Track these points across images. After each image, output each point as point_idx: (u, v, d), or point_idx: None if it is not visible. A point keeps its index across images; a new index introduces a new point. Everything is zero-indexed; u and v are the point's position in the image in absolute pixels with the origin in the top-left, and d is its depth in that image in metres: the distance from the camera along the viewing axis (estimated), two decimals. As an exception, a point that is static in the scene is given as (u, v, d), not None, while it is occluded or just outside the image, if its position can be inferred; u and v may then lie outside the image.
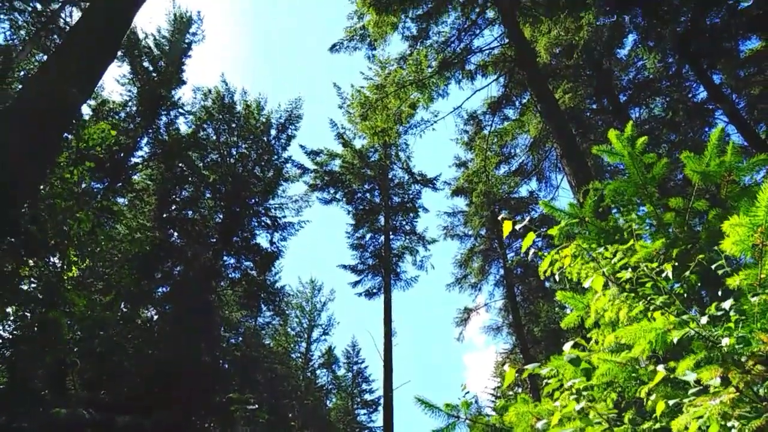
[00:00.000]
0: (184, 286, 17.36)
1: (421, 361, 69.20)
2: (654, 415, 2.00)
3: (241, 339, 22.30)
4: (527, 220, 2.61)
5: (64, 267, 8.61)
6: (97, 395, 11.52)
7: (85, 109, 17.13)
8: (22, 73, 13.75)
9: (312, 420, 29.78)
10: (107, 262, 13.37)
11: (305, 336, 35.56)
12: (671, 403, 1.89)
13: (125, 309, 14.99)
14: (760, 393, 1.65)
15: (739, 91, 13.69)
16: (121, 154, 17.77)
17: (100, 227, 9.72)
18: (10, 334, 8.55)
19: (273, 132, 23.19)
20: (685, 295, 2.50)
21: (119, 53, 17.75)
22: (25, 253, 7.77)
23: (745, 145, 11.56)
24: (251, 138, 22.57)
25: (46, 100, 6.24)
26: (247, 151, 22.44)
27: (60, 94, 6.26)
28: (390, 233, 23.14)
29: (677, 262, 2.42)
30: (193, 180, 20.47)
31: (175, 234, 19.77)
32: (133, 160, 18.81)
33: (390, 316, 20.51)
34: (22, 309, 8.54)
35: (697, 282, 2.57)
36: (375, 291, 22.42)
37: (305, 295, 36.69)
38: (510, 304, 22.29)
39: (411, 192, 24.31)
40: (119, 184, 17.31)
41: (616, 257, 2.48)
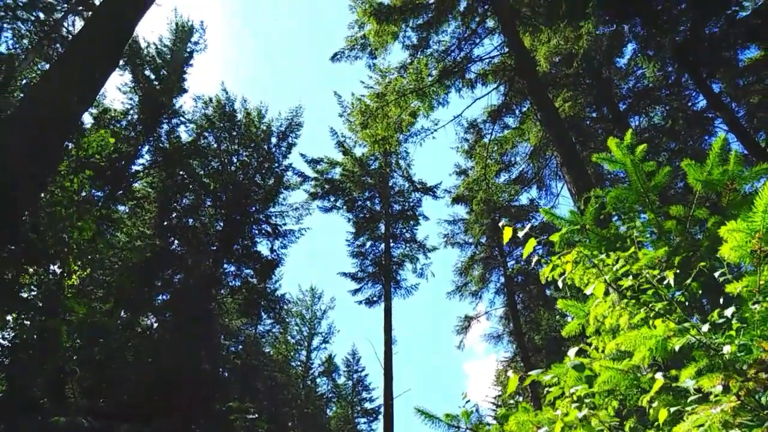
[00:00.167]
0: (184, 293, 17.34)
1: (422, 370, 68.96)
2: (656, 423, 1.99)
3: (241, 347, 22.26)
4: (528, 227, 2.62)
5: (64, 275, 8.61)
6: (96, 403, 11.48)
7: (87, 118, 17.22)
8: (24, 82, 13.81)
9: (312, 429, 29.64)
10: (107, 270, 13.36)
11: (305, 344, 35.48)
12: (673, 411, 1.89)
13: (125, 316, 14.97)
14: (761, 401, 1.65)
15: (738, 100, 13.73)
16: (122, 162, 17.82)
17: (101, 235, 9.73)
18: (9, 342, 8.53)
19: (274, 140, 23.27)
20: (686, 303, 2.49)
21: (121, 62, 17.84)
22: (26, 261, 7.78)
23: (745, 154, 11.58)
24: (252, 146, 22.64)
25: (47, 109, 6.26)
26: (247, 159, 22.50)
27: (62, 102, 6.28)
28: (390, 241, 23.12)
29: (678, 270, 2.42)
30: (193, 188, 20.51)
31: (175, 242, 19.78)
32: (134, 168, 18.87)
33: (390, 324, 20.45)
34: (22, 317, 8.53)
35: (699, 290, 2.57)
36: (375, 299, 22.38)
37: (305, 303, 36.65)
38: (511, 312, 22.24)
39: (411, 200, 24.33)
40: (120, 192, 17.34)
41: (618, 264, 2.48)
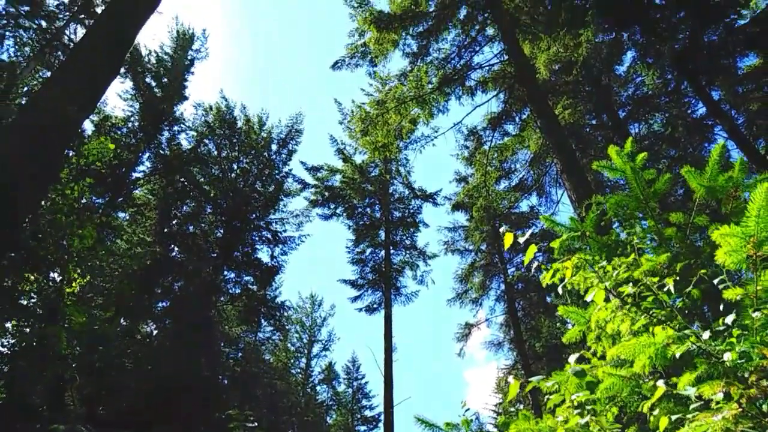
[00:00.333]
0: (184, 301, 17.32)
1: (422, 377, 68.70)
2: (657, 430, 1.99)
3: (240, 354, 22.18)
4: (528, 233, 2.62)
5: (64, 282, 8.60)
6: (96, 411, 11.45)
7: (88, 125, 17.25)
8: (25, 89, 13.86)
9: (312, 437, 29.50)
10: (107, 277, 13.35)
11: (305, 351, 35.38)
12: (674, 418, 1.88)
13: (125, 324, 14.94)
14: (763, 408, 1.64)
15: (737, 107, 13.77)
16: (123, 169, 17.85)
17: (101, 242, 9.73)
18: (9, 350, 8.52)
19: (274, 147, 23.33)
20: (686, 310, 2.49)
21: (122, 69, 17.91)
22: (26, 269, 7.77)
23: (745, 161, 11.58)
24: (252, 153, 22.69)
25: (48, 116, 6.28)
26: (248, 166, 22.54)
27: (63, 110, 6.30)
28: (390, 248, 23.12)
29: (679, 277, 2.42)
30: (194, 195, 20.54)
31: (175, 249, 19.78)
32: (135, 175, 18.90)
33: (390, 331, 20.41)
34: (22, 324, 8.52)
35: (699, 297, 2.57)
36: (375, 306, 22.34)
37: (305, 310, 36.59)
38: (511, 319, 22.18)
39: (411, 207, 24.34)
40: (120, 199, 17.35)
41: (620, 269, 2.48)
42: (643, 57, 13.45)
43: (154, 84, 20.56)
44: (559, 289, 2.77)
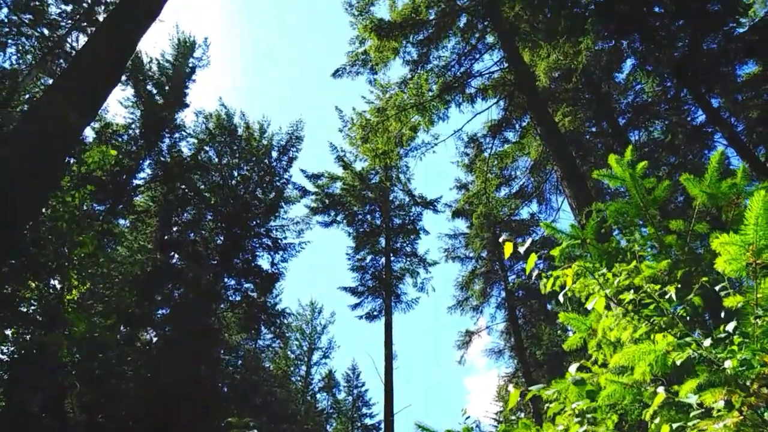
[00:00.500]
0: (184, 308, 17.29)
1: (422, 385, 68.36)
2: (658, 438, 1.98)
3: (240, 362, 22.10)
4: (529, 241, 2.62)
5: (64, 289, 8.59)
6: (95, 418, 11.40)
7: (89, 132, 17.28)
8: (27, 97, 13.90)
9: (312, 445, 29.33)
10: (108, 284, 13.33)
11: (305, 359, 35.25)
12: (675, 426, 1.88)
13: (125, 331, 14.90)
14: (765, 417, 1.64)
15: (737, 115, 13.79)
16: (124, 176, 17.87)
17: (101, 249, 9.72)
18: (8, 357, 8.49)
19: (275, 154, 23.34)
20: (687, 318, 2.49)
21: (123, 77, 17.97)
22: (27, 276, 7.77)
23: (747, 168, 11.57)
24: (253, 160, 22.71)
25: (50, 124, 6.29)
26: (248, 173, 22.55)
27: (64, 117, 6.32)
28: (391, 255, 23.11)
29: (680, 284, 2.42)
30: (194, 202, 20.54)
31: (175, 256, 19.76)
32: (136, 182, 18.93)
33: (391, 339, 20.36)
34: (21, 331, 8.50)
35: (701, 304, 2.57)
36: (375, 313, 22.30)
37: (305, 317, 36.50)
38: (512, 326, 22.12)
39: (412, 214, 24.35)
40: (121, 206, 17.36)
41: (620, 276, 2.48)
42: (642, 65, 13.49)
43: (155, 91, 20.63)
44: (560, 297, 2.77)
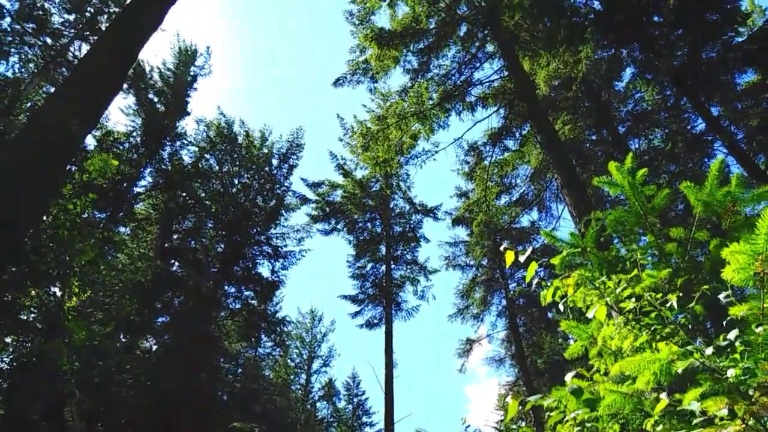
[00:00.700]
0: (184, 316, 17.26)
1: (423, 393, 68.05)
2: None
3: (240, 370, 22.03)
4: (529, 250, 2.62)
5: (64, 297, 8.58)
6: (95, 426, 11.34)
7: (90, 140, 17.33)
8: (29, 105, 13.95)
9: (311, 454, 29.17)
10: (108, 292, 13.32)
11: (305, 367, 35.10)
12: (678, 435, 1.87)
13: (125, 339, 14.87)
14: (767, 426, 1.63)
15: (737, 123, 13.83)
16: (124, 184, 17.90)
17: (102, 257, 9.72)
18: (8, 365, 8.47)
19: (275, 162, 23.39)
20: (689, 326, 2.49)
21: (125, 85, 18.05)
22: (27, 283, 7.76)
23: (745, 176, 11.61)
24: (253, 168, 22.75)
25: (51, 132, 6.31)
26: (249, 181, 22.59)
27: (65, 125, 6.34)
28: (391, 263, 23.09)
29: (681, 293, 2.42)
30: (195, 210, 20.55)
31: (176, 264, 19.75)
32: (136, 190, 18.95)
33: (391, 347, 20.31)
34: (21, 339, 8.48)
35: (702, 312, 2.56)
36: (376, 322, 22.25)
37: (305, 325, 36.38)
38: (512, 335, 22.07)
39: (412, 222, 24.36)
40: (121, 214, 17.38)
41: (621, 286, 2.48)
42: (642, 73, 13.55)
43: (156, 100, 20.71)
44: (561, 306, 2.76)
